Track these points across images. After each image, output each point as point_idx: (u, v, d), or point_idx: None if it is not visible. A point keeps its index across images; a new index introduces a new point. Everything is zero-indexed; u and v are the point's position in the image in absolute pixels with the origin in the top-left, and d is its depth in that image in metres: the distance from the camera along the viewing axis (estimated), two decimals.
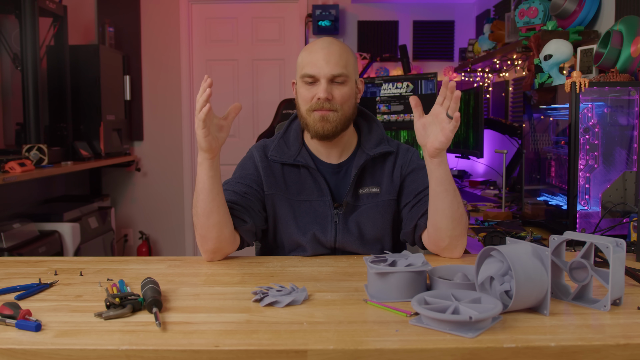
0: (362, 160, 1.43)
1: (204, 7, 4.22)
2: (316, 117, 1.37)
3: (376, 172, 1.46)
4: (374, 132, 1.49)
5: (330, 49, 1.37)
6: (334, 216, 1.42)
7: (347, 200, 1.42)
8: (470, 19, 4.15)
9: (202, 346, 0.81)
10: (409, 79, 3.19)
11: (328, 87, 1.35)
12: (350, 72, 1.38)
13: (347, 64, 1.37)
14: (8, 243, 2.58)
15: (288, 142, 1.47)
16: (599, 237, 0.99)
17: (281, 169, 1.45)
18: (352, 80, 1.40)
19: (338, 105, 1.37)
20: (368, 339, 0.83)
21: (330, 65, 1.35)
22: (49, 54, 3.32)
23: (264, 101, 4.24)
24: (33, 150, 2.87)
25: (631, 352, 0.81)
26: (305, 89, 1.38)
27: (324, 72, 1.35)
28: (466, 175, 3.73)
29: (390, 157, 1.47)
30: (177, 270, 1.26)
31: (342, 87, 1.37)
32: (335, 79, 1.36)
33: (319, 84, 1.36)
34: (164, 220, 4.29)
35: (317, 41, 1.41)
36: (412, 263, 1.06)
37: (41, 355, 0.81)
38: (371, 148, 1.45)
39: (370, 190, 1.44)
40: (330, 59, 1.35)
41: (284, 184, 1.44)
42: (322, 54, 1.36)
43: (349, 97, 1.39)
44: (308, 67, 1.36)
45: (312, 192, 1.43)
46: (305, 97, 1.38)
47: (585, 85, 1.66)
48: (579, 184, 1.70)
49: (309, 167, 1.43)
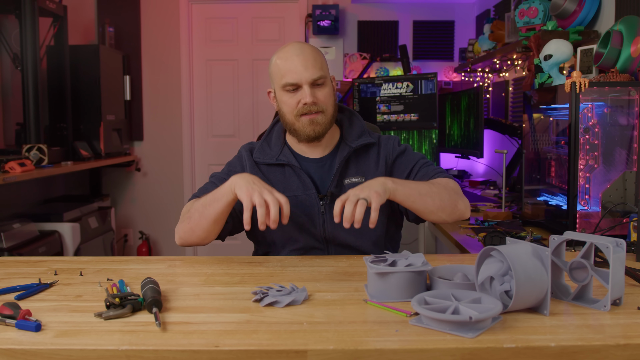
0: (345, 153, 1.47)
1: (204, 7, 4.22)
2: (305, 122, 1.42)
3: (360, 163, 1.50)
4: (355, 125, 1.54)
5: (305, 54, 1.41)
6: (321, 207, 1.45)
7: (331, 190, 1.46)
8: (470, 19, 4.15)
9: (202, 346, 0.81)
10: (409, 79, 3.19)
11: (311, 91, 1.40)
12: (326, 72, 1.44)
13: (322, 65, 1.44)
14: (8, 243, 2.58)
15: (270, 143, 1.53)
16: (599, 237, 0.99)
17: (267, 169, 1.49)
18: (329, 80, 1.46)
19: (323, 106, 1.42)
20: (368, 339, 0.83)
21: (309, 70, 1.40)
22: (49, 54, 3.32)
23: (264, 101, 4.24)
24: (33, 150, 2.87)
25: (631, 352, 0.81)
26: (289, 96, 1.43)
27: (304, 78, 1.39)
28: (466, 175, 3.73)
29: (372, 148, 1.52)
30: (177, 270, 1.26)
31: (323, 88, 1.43)
32: (316, 82, 1.41)
33: (301, 90, 1.41)
34: (164, 220, 4.29)
35: (288, 48, 1.44)
36: (412, 263, 1.06)
37: (41, 355, 0.81)
38: (353, 140, 1.50)
39: (355, 180, 1.47)
40: (308, 64, 1.40)
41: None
42: (298, 60, 1.40)
43: (330, 95, 1.45)
44: (288, 76, 1.40)
45: (297, 189, 1.46)
46: (290, 105, 1.43)
47: (585, 85, 1.66)
48: (579, 184, 1.70)
49: (292, 166, 1.47)
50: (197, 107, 4.28)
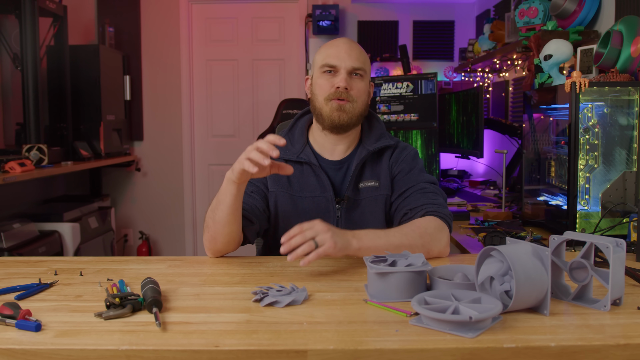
0: (362, 155, 1.46)
1: (204, 7, 4.22)
2: (333, 106, 1.41)
3: (375, 166, 1.49)
4: (374, 127, 1.53)
5: (352, 45, 1.45)
6: (336, 211, 1.44)
7: (348, 194, 1.45)
8: (470, 19, 4.15)
9: (202, 346, 0.81)
10: (409, 79, 3.19)
11: (347, 78, 1.41)
12: (367, 70, 1.46)
13: (365, 61, 1.45)
14: (8, 243, 2.58)
15: (293, 139, 1.51)
16: (599, 237, 0.99)
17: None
18: (367, 78, 1.46)
19: (355, 97, 1.42)
20: (368, 339, 0.83)
21: (352, 58, 1.41)
22: (49, 54, 3.32)
23: (264, 101, 4.24)
24: (33, 150, 2.87)
25: (631, 352, 0.81)
26: (325, 79, 1.43)
27: (345, 63, 1.41)
28: (466, 175, 3.73)
29: (388, 151, 1.51)
30: (177, 270, 1.26)
31: (360, 81, 1.43)
32: (355, 71, 1.42)
33: (338, 74, 1.41)
34: (164, 220, 4.29)
35: (337, 39, 1.48)
36: (412, 263, 1.06)
37: (41, 355, 0.81)
38: (371, 143, 1.49)
39: (369, 184, 1.47)
40: (352, 53, 1.42)
41: (287, 181, 1.47)
42: (344, 47, 1.43)
43: (364, 91, 1.45)
44: (330, 58, 1.42)
45: (314, 189, 1.45)
46: (323, 87, 1.43)
47: (585, 85, 1.66)
48: (579, 184, 1.70)
49: (311, 164, 1.46)
50: (197, 107, 4.28)
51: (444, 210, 1.38)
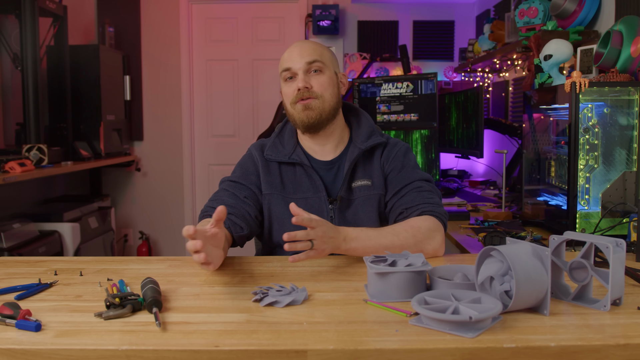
0: (354, 155, 1.46)
1: (204, 7, 4.22)
2: (299, 108, 1.42)
3: (367, 165, 1.49)
4: (363, 125, 1.52)
5: (304, 43, 1.46)
6: (330, 211, 1.44)
7: (341, 194, 1.45)
8: (470, 19, 4.16)
9: (202, 346, 0.81)
10: (409, 79, 3.19)
11: (305, 77, 1.42)
12: (325, 61, 1.44)
13: (321, 54, 1.45)
14: (8, 243, 2.58)
15: (283, 141, 1.52)
16: (599, 237, 0.99)
17: (278, 167, 1.48)
18: (329, 70, 1.45)
19: (318, 92, 1.42)
20: (368, 339, 0.83)
21: (304, 55, 1.43)
22: (49, 54, 3.32)
23: (264, 101, 4.24)
24: (33, 150, 2.87)
25: (631, 352, 0.81)
26: (287, 86, 1.45)
27: (299, 64, 1.42)
28: (466, 175, 3.73)
29: (379, 148, 1.50)
30: (177, 270, 1.26)
31: (320, 76, 1.43)
32: (310, 67, 1.42)
33: (297, 76, 1.43)
34: (164, 220, 4.29)
35: (293, 43, 1.50)
36: (412, 263, 1.06)
37: (41, 355, 0.81)
38: (362, 142, 1.48)
39: (362, 183, 1.46)
40: (304, 51, 1.43)
41: (280, 183, 1.47)
42: (296, 49, 1.45)
43: (328, 85, 1.44)
44: (285, 63, 1.45)
45: (307, 190, 1.46)
46: (287, 93, 1.45)
47: (585, 85, 1.66)
48: (579, 184, 1.70)
49: (303, 165, 1.46)
50: (197, 107, 4.28)
51: (439, 209, 1.38)
